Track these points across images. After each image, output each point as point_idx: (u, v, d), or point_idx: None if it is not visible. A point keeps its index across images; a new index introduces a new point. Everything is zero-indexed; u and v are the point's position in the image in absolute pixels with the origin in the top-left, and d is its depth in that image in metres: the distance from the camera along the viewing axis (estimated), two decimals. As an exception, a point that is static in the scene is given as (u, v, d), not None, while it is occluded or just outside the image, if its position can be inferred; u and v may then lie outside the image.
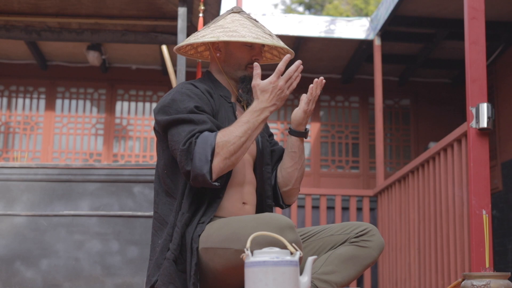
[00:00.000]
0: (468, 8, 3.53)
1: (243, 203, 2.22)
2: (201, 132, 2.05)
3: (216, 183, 2.04)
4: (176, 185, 2.16)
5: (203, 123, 2.08)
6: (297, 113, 2.32)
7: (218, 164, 2.02)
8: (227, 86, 2.32)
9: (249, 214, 2.24)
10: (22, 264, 3.53)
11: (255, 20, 2.31)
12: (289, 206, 2.46)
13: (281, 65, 2.07)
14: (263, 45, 2.30)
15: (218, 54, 2.30)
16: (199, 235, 2.07)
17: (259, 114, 2.07)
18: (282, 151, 2.45)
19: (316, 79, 2.29)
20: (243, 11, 2.34)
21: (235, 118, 2.22)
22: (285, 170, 2.36)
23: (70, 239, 3.57)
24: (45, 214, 3.60)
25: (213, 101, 2.20)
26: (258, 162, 2.33)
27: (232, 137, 2.03)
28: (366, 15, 17.60)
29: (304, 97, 2.32)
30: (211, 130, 2.08)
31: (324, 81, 2.30)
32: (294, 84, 2.09)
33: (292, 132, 2.34)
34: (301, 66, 2.07)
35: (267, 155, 2.38)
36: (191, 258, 2.05)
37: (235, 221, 2.03)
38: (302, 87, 9.30)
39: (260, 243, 1.83)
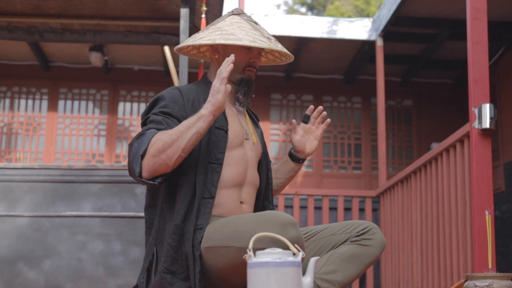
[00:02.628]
0: (471, 9, 3.53)
1: (241, 202, 2.23)
2: (145, 131, 2.09)
3: (151, 181, 2.04)
4: (157, 189, 2.18)
5: (158, 124, 2.11)
6: (313, 144, 2.41)
7: (147, 161, 2.02)
8: None
9: (248, 213, 2.24)
10: (24, 265, 3.54)
11: (254, 22, 2.31)
12: None
13: (222, 68, 2.07)
14: (262, 48, 2.30)
15: (216, 56, 2.31)
16: (200, 242, 2.06)
17: (196, 114, 2.07)
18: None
19: (321, 109, 2.42)
20: (243, 13, 2.34)
21: (225, 116, 2.23)
22: (277, 186, 2.49)
23: (72, 240, 3.57)
24: (48, 215, 3.60)
25: (190, 105, 2.19)
26: (262, 165, 2.35)
27: (164, 136, 2.04)
28: (367, 15, 17.60)
29: (313, 129, 2.42)
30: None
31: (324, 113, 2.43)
32: (224, 74, 2.05)
33: (302, 161, 2.44)
34: (232, 58, 2.06)
35: (269, 160, 2.42)
36: (194, 266, 2.04)
37: (236, 219, 2.03)
38: (305, 87, 9.28)
39: (263, 241, 1.83)
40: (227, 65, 2.05)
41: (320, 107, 2.41)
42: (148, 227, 2.20)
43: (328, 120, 2.40)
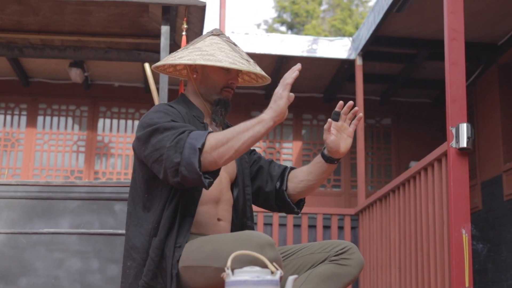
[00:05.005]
0: (448, 30, 3.58)
1: (218, 219, 2.23)
2: (190, 131, 2.03)
3: (204, 179, 1.97)
4: (153, 208, 2.16)
5: (184, 127, 2.06)
6: (347, 142, 2.31)
7: (202, 155, 1.97)
8: (202, 107, 2.32)
9: (225, 231, 2.25)
10: (0, 282, 3.49)
11: (233, 43, 2.32)
12: (302, 208, 2.52)
13: (287, 74, 2.04)
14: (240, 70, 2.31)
15: (194, 76, 2.31)
16: (178, 260, 2.05)
17: (256, 117, 2.04)
18: (269, 164, 2.46)
19: (351, 104, 2.31)
20: (222, 34, 2.35)
21: None
22: (307, 187, 2.43)
23: (49, 257, 3.53)
24: (25, 232, 3.56)
25: (187, 121, 2.19)
26: (238, 182, 2.34)
27: (218, 134, 2.01)
28: (343, 35, 17.79)
29: (345, 126, 2.32)
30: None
31: (356, 108, 2.33)
32: (288, 80, 2.01)
33: (337, 161, 2.33)
34: (299, 66, 2.04)
35: (247, 177, 2.39)
36: (171, 284, 2.04)
37: (214, 239, 2.03)
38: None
39: (241, 261, 1.82)
40: (293, 72, 2.02)
41: (351, 102, 2.30)
42: (130, 245, 2.17)
43: (361, 115, 2.31)
